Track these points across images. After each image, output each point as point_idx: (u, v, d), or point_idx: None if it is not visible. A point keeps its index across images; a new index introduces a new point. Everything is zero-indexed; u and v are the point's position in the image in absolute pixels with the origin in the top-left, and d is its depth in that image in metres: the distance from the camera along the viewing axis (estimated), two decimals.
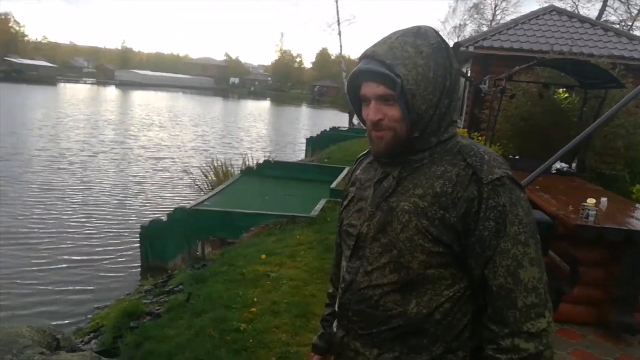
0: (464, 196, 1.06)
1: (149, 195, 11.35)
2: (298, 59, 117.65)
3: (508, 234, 1.04)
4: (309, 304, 4.05)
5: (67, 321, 5.30)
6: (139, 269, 6.72)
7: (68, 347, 1.33)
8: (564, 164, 6.02)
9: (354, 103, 1.21)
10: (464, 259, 1.08)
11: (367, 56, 1.11)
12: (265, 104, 67.92)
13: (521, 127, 7.45)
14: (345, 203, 1.31)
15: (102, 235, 8.23)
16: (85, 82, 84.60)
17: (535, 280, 1.04)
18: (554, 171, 5.82)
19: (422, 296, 1.09)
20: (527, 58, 8.32)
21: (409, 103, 1.07)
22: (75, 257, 7.23)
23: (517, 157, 6.69)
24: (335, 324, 1.30)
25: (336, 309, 1.28)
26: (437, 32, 1.14)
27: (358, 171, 1.31)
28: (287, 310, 3.95)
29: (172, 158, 16.58)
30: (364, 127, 1.21)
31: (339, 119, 35.08)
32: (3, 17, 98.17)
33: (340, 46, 31.09)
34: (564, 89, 7.26)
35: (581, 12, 21.66)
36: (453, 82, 1.12)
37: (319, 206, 7.11)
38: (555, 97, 7.35)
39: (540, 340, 1.02)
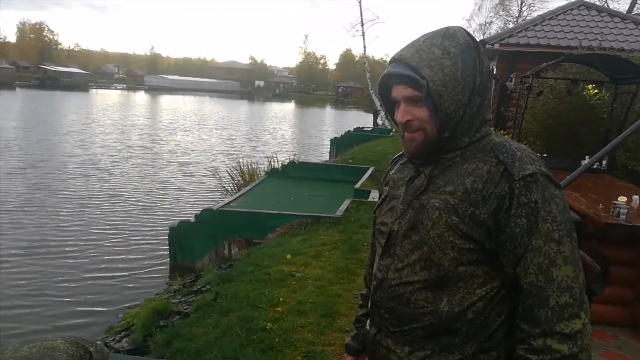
0: (495, 193, 1.05)
1: (178, 198, 11.58)
2: (322, 61, 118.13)
3: (540, 231, 1.02)
4: (334, 304, 4.07)
5: (98, 321, 5.46)
6: (168, 269, 6.86)
7: (102, 359, 1.36)
8: None
9: (387, 106, 1.23)
10: (496, 257, 1.06)
11: (394, 60, 1.14)
12: (290, 106, 68.27)
13: (548, 124, 7.30)
14: (379, 202, 1.33)
15: (132, 237, 8.44)
16: (116, 88, 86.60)
17: (570, 279, 1.02)
18: None
19: (454, 294, 1.09)
20: (555, 54, 8.15)
21: (436, 104, 1.08)
22: (106, 258, 7.43)
23: (545, 155, 6.56)
24: (368, 322, 1.31)
25: (369, 307, 1.30)
26: (466, 32, 1.14)
27: (392, 171, 1.33)
28: (313, 310, 3.97)
29: (199, 161, 16.84)
30: (388, 127, 1.22)
31: (363, 120, 35.01)
32: (37, 26, 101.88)
33: (364, 47, 30.96)
34: (594, 85, 7.08)
35: (611, 6, 21.03)
36: (484, 80, 1.12)
37: (343, 206, 7.12)
38: (584, 93, 7.17)
39: (575, 341, 1.00)
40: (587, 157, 5.43)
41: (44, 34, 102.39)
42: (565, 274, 1.01)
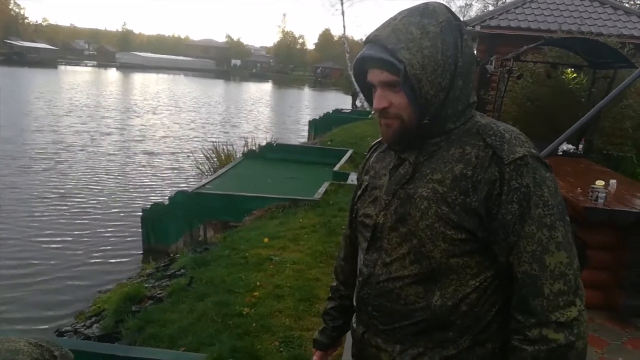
0: (485, 178, 0.99)
1: (152, 180, 11.32)
2: (300, 40, 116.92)
3: (532, 216, 0.97)
4: (313, 288, 4.03)
5: (68, 306, 5.29)
6: (141, 253, 6.71)
7: None
8: (570, 146, 5.92)
9: (364, 90, 1.15)
10: (488, 245, 1.02)
11: (369, 41, 1.06)
12: (267, 86, 67.55)
13: (527, 108, 7.33)
14: (359, 193, 1.25)
15: (103, 220, 8.22)
16: (86, 65, 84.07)
17: (563, 265, 0.97)
18: (561, 153, 5.72)
19: (447, 287, 1.04)
20: (535, 37, 8.15)
21: (415, 88, 1.01)
22: (76, 241, 7.23)
23: None
24: (354, 319, 1.25)
25: (354, 304, 1.24)
26: (447, 9, 1.06)
27: (372, 159, 1.25)
28: (291, 294, 3.92)
29: (174, 142, 16.51)
30: (367, 110, 1.13)
31: (342, 101, 34.86)
32: None
33: (344, 27, 30.47)
34: (572, 69, 7.12)
35: None
36: (467, 61, 1.04)
37: (322, 189, 7.05)
38: (563, 77, 7.21)
39: (571, 330, 0.96)
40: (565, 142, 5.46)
41: (10, 7, 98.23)
42: (559, 260, 0.97)
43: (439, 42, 1.01)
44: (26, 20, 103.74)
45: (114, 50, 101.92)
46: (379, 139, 1.26)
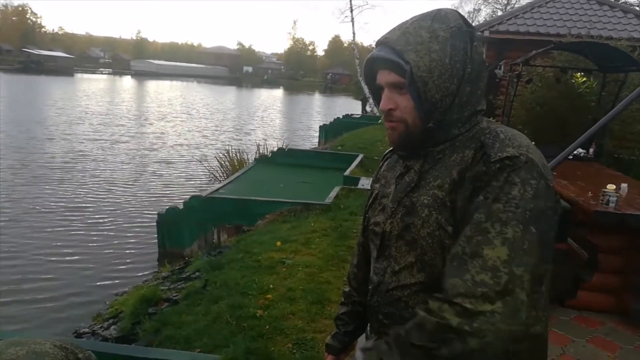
0: (470, 176, 0.98)
1: (166, 185, 11.46)
2: (311, 47, 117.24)
3: (487, 207, 0.92)
4: (325, 291, 4.08)
5: (85, 308, 5.41)
6: (157, 256, 6.81)
7: None
8: (581, 150, 5.92)
9: (374, 92, 1.17)
10: None
11: (380, 43, 1.08)
12: (279, 92, 67.82)
13: (537, 112, 7.34)
14: (370, 201, 1.26)
15: (120, 224, 8.36)
16: (102, 73, 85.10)
17: (500, 262, 0.88)
18: (571, 157, 5.72)
19: None
20: (544, 42, 8.15)
21: (420, 91, 1.01)
22: (93, 246, 7.36)
23: (534, 143, 6.59)
24: (368, 328, 1.27)
25: (367, 311, 1.24)
26: (460, 15, 1.07)
27: (383, 167, 1.26)
28: (303, 297, 3.98)
29: (188, 148, 16.69)
30: (377, 115, 1.18)
31: (352, 107, 34.89)
32: (20, 8, 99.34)
33: (353, 33, 30.52)
34: (582, 73, 7.12)
35: None
36: (476, 68, 1.04)
37: (333, 193, 7.11)
38: (573, 81, 7.21)
39: (471, 320, 0.86)
40: None
41: (27, 16, 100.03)
42: (497, 255, 0.88)
43: (447, 46, 1.01)
44: (43, 29, 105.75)
45: (128, 58, 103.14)
46: (391, 148, 1.26)
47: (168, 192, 10.79)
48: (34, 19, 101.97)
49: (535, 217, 0.91)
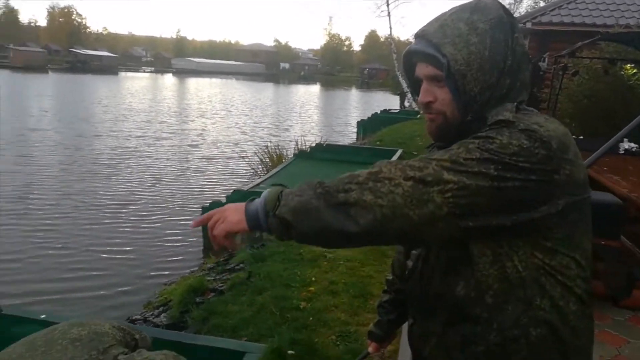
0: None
1: (208, 180, 11.75)
2: (347, 42, 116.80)
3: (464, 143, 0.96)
4: (366, 285, 4.14)
5: (137, 296, 5.66)
6: (201, 249, 7.04)
7: (146, 347, 1.40)
8: (632, 144, 5.72)
9: (413, 84, 1.16)
10: (516, 231, 0.96)
11: (417, 35, 1.08)
12: (316, 88, 67.97)
13: (584, 105, 7.14)
14: None
15: (165, 218, 8.63)
16: (144, 71, 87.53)
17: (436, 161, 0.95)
18: (622, 152, 5.55)
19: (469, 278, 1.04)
20: (590, 33, 7.90)
21: (458, 84, 1.00)
22: (141, 238, 7.63)
23: (581, 137, 6.43)
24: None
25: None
26: (500, 5, 1.05)
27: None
28: (345, 290, 4.05)
29: (228, 143, 17.01)
30: (415, 109, 1.19)
31: (390, 102, 34.62)
32: (66, 10, 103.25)
33: (390, 27, 30.40)
34: (632, 65, 6.86)
35: None
36: (517, 60, 1.02)
37: None
38: (622, 73, 6.97)
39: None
40: (625, 139, 5.31)
41: (73, 17, 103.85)
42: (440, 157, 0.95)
43: (487, 38, 0.99)
44: (88, 30, 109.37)
45: (169, 57, 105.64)
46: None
47: (210, 187, 11.06)
48: (79, 20, 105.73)
49: (503, 158, 0.91)
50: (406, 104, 27.43)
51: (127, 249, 7.20)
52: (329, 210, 0.95)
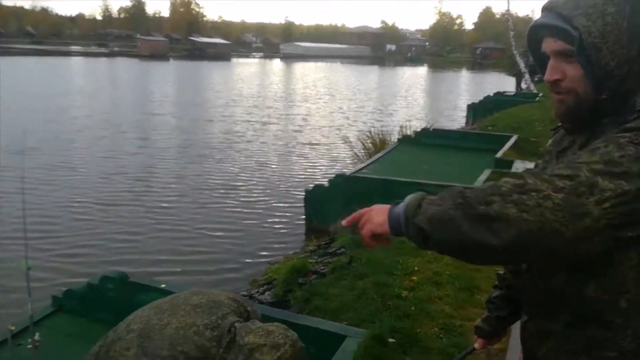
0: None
1: (312, 165, 12.02)
2: (458, 21, 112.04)
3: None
4: (473, 278, 3.94)
5: (244, 272, 5.97)
6: (304, 231, 7.21)
7: (257, 319, 1.52)
8: None
9: (538, 62, 1.09)
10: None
11: (545, 8, 1.01)
12: (423, 70, 66.22)
13: None
14: None
15: (270, 201, 8.99)
16: (254, 57, 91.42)
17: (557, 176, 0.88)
18: None
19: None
20: None
21: (592, 59, 0.93)
22: (248, 219, 8.02)
23: None
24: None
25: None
26: None
27: (549, 142, 1.20)
28: (449, 282, 3.90)
29: (330, 128, 17.21)
30: (534, 92, 1.08)
31: (504, 84, 32.62)
32: (187, 0, 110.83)
33: (508, 2, 28.27)
34: None
35: None
36: None
37: (482, 177, 6.75)
38: None
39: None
40: None
41: (192, 7, 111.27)
42: (559, 173, 0.89)
43: (627, 7, 0.92)
44: (204, 19, 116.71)
45: (277, 42, 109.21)
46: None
47: (314, 171, 11.30)
48: (197, 10, 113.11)
49: (611, 169, 0.85)
50: (523, 85, 25.72)
51: (235, 228, 7.62)
52: (467, 222, 0.87)
